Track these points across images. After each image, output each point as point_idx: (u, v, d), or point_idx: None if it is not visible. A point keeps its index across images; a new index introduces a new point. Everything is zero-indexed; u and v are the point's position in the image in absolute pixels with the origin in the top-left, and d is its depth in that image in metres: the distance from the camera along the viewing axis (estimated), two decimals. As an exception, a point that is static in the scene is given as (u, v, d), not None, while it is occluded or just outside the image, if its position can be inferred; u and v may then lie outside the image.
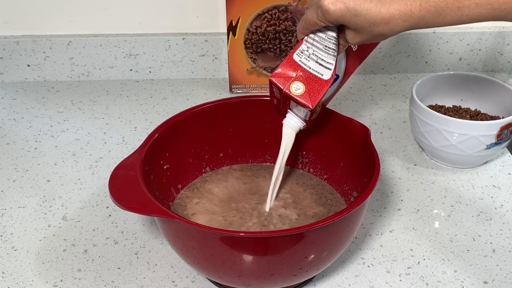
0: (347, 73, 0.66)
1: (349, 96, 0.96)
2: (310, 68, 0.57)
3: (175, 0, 0.96)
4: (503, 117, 0.76)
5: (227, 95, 0.96)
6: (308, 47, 0.58)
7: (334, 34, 0.56)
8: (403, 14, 0.49)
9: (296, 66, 0.57)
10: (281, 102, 0.60)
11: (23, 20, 0.96)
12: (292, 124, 0.62)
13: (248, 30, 0.91)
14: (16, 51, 0.97)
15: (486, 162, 0.79)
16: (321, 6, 0.52)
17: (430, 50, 1.01)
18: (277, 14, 0.89)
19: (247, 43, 0.92)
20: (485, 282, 0.60)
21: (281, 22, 0.90)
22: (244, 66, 0.94)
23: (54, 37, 0.96)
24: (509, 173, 0.77)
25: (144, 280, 0.60)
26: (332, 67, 0.57)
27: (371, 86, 1.00)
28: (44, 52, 0.97)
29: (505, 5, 0.46)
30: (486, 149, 0.73)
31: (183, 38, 0.97)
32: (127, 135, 0.85)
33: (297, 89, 0.57)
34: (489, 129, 0.71)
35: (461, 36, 0.99)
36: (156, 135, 0.61)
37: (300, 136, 0.65)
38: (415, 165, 0.79)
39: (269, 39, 0.92)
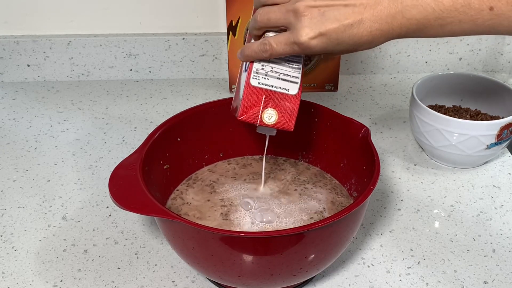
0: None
1: (349, 96, 0.96)
2: (272, 87, 0.54)
3: (175, 0, 0.96)
4: (503, 117, 0.76)
5: (227, 95, 0.96)
6: (263, 66, 0.54)
7: None
8: (385, 33, 0.49)
9: (258, 91, 0.54)
10: None
11: (23, 20, 0.96)
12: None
13: (248, 30, 0.91)
14: (16, 51, 0.97)
15: (486, 162, 0.79)
16: (300, 43, 0.49)
17: (430, 50, 1.01)
18: (277, 14, 0.89)
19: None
20: (485, 282, 0.60)
21: (281, 22, 0.90)
22: (244, 66, 0.94)
23: (54, 37, 0.96)
24: (509, 173, 0.77)
25: (144, 280, 0.60)
26: (298, 80, 0.54)
27: (371, 86, 1.00)
28: (44, 52, 0.97)
29: (489, 21, 0.46)
30: (486, 149, 0.73)
31: (183, 38, 0.97)
32: (127, 135, 0.85)
33: (269, 117, 0.54)
34: (489, 129, 0.71)
35: (461, 36, 0.99)
36: (156, 135, 0.61)
37: (300, 136, 0.65)
38: (415, 165, 0.79)
39: (269, 39, 0.92)
